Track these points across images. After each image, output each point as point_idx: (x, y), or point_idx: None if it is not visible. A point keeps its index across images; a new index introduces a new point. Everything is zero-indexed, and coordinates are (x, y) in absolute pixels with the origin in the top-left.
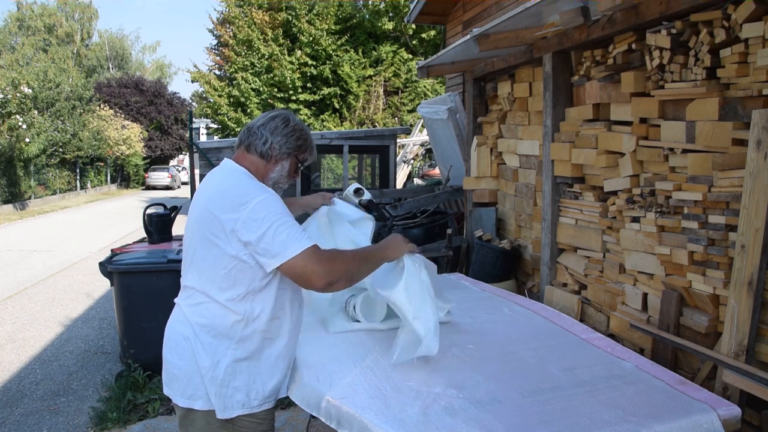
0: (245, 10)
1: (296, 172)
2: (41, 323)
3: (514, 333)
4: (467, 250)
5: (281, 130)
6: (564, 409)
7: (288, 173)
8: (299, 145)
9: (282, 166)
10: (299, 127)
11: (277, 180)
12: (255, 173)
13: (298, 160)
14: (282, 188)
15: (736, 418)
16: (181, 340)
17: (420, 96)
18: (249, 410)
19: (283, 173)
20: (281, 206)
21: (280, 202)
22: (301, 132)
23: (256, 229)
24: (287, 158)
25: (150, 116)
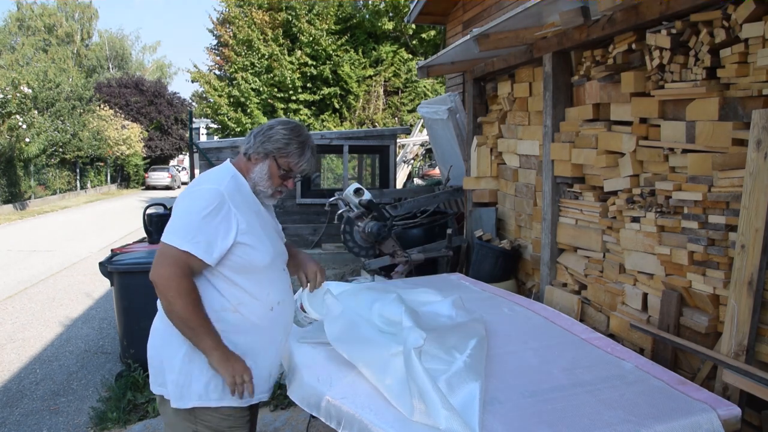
0: (245, 10)
1: (283, 180)
2: (41, 323)
3: (514, 333)
4: (467, 250)
5: (264, 131)
6: (564, 409)
7: (269, 177)
8: (278, 148)
9: (261, 167)
10: (284, 132)
11: (256, 182)
12: (241, 172)
13: (278, 164)
14: (266, 193)
15: (736, 418)
16: (155, 329)
17: (420, 96)
18: (207, 403)
19: (262, 175)
20: (214, 203)
21: (218, 200)
22: (284, 136)
23: (175, 208)
24: (265, 159)
25: (150, 116)
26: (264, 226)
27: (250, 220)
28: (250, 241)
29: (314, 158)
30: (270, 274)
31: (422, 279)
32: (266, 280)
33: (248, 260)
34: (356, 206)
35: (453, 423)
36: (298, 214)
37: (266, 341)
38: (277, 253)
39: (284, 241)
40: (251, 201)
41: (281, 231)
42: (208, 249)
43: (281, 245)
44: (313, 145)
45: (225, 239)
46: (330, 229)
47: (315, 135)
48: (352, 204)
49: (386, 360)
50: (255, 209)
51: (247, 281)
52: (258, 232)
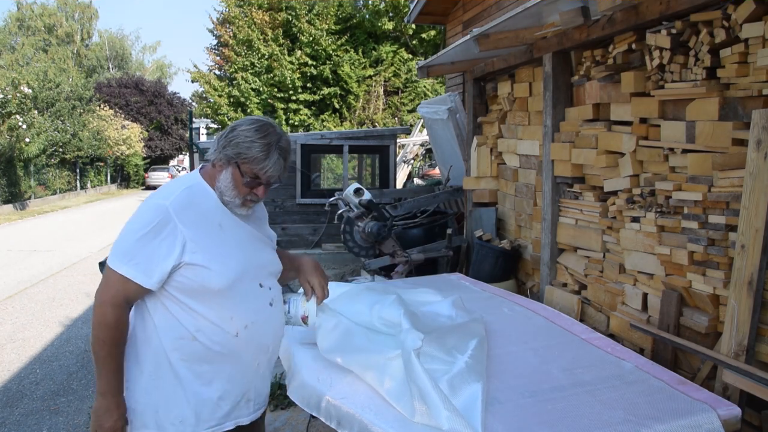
0: (245, 10)
1: (250, 188)
2: (41, 323)
3: (514, 333)
4: (467, 250)
5: (226, 134)
6: (564, 409)
7: (234, 186)
8: (238, 153)
9: (224, 175)
10: (246, 133)
11: (222, 191)
12: (210, 180)
13: (240, 171)
14: (234, 203)
15: (736, 418)
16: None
17: (420, 96)
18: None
19: (227, 184)
20: (155, 219)
21: (160, 216)
22: (246, 138)
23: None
24: (227, 166)
25: (150, 116)
26: (226, 241)
27: (203, 237)
28: (201, 261)
29: (285, 161)
30: (233, 295)
31: (422, 279)
32: (229, 304)
33: (200, 282)
34: (356, 206)
35: (455, 423)
36: (298, 214)
37: (236, 368)
38: (245, 271)
39: (274, 249)
40: (211, 214)
41: (270, 239)
42: (147, 272)
43: (260, 258)
44: (285, 146)
45: (166, 260)
46: (330, 229)
47: (315, 135)
48: (352, 204)
49: (384, 363)
50: (217, 222)
51: (204, 306)
52: (214, 251)
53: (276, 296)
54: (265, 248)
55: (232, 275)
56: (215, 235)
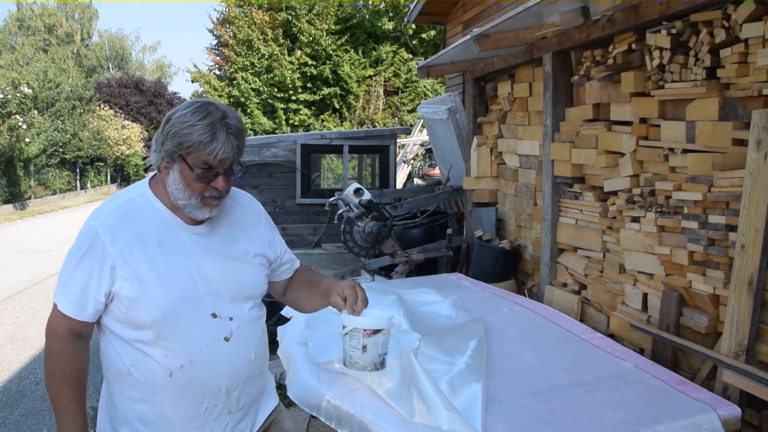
0: (245, 10)
1: (205, 182)
2: (41, 323)
3: (514, 333)
4: (467, 250)
5: (162, 128)
6: (564, 409)
7: (185, 185)
8: (180, 143)
9: (172, 175)
10: (182, 119)
11: (175, 195)
12: (161, 188)
13: (188, 163)
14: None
15: (736, 418)
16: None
17: (420, 96)
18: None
19: (176, 184)
20: (85, 244)
21: (89, 239)
22: (184, 124)
23: None
24: (172, 164)
25: (150, 116)
26: (165, 264)
27: (136, 260)
28: (128, 290)
29: (237, 139)
30: (168, 329)
31: (422, 279)
32: (162, 339)
33: (127, 314)
34: (356, 206)
35: (455, 423)
36: (298, 214)
37: (177, 413)
38: (185, 299)
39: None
40: (151, 231)
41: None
42: (81, 304)
43: (220, 281)
44: (233, 122)
45: (99, 290)
46: (330, 229)
47: (315, 135)
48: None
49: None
50: (156, 241)
51: (139, 336)
52: (145, 276)
53: (239, 328)
54: (235, 268)
55: (164, 306)
56: (151, 256)
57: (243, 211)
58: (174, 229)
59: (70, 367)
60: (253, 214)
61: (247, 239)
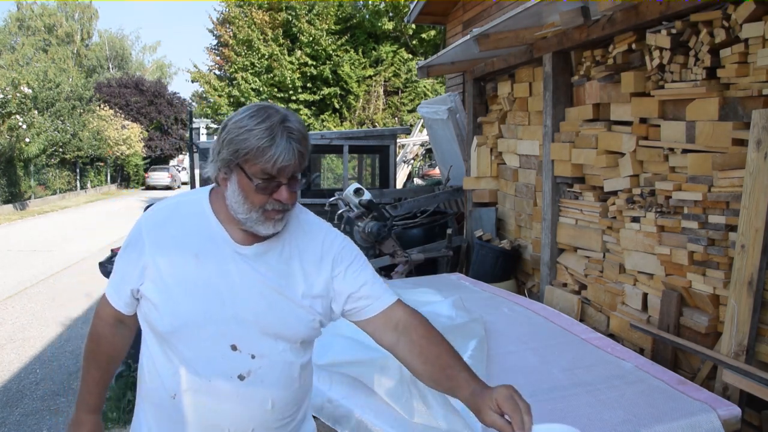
0: (245, 10)
1: (267, 193)
2: (41, 323)
3: (514, 333)
4: (467, 250)
5: (218, 136)
6: (564, 409)
7: (245, 197)
8: (236, 150)
9: (231, 187)
10: (239, 123)
11: (234, 209)
12: (219, 201)
13: (246, 173)
14: (251, 219)
15: (736, 418)
16: None
17: (420, 96)
18: None
19: (235, 196)
20: (131, 237)
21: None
22: (241, 129)
23: None
24: (230, 174)
25: (150, 116)
26: (194, 277)
27: (168, 265)
28: (150, 294)
29: (299, 143)
30: (180, 347)
31: (422, 279)
32: (175, 355)
33: (146, 319)
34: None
35: (455, 423)
36: None
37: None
38: (206, 321)
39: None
40: (191, 239)
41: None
42: (117, 293)
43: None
44: (294, 126)
45: (130, 285)
46: None
47: (315, 135)
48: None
49: (382, 365)
50: (193, 252)
51: (157, 345)
52: (171, 284)
53: (261, 369)
54: (275, 301)
55: (180, 320)
56: (183, 265)
57: (305, 237)
58: (218, 243)
59: (101, 350)
60: (317, 243)
61: (300, 273)
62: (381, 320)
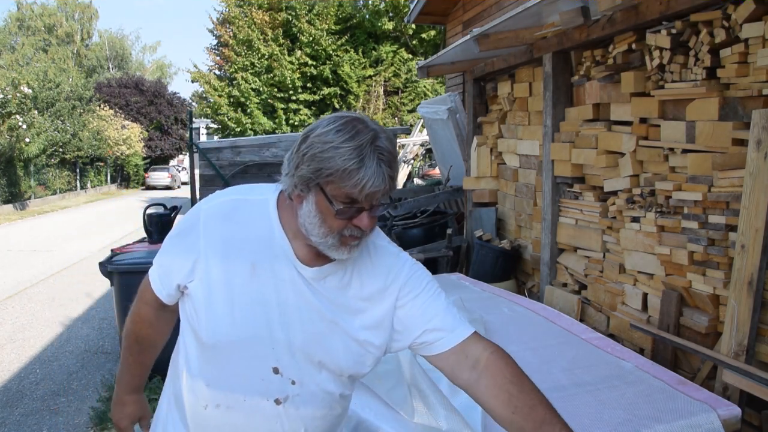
0: (245, 10)
1: (346, 218)
2: (41, 323)
3: (514, 333)
4: (467, 250)
5: (297, 147)
6: (564, 410)
7: (322, 220)
8: (317, 169)
9: (306, 206)
10: (324, 138)
11: (308, 229)
12: (285, 212)
13: (326, 195)
14: (326, 244)
15: (736, 418)
16: None
17: (420, 96)
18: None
19: (311, 219)
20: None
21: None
22: (326, 145)
23: None
24: (308, 192)
25: (150, 116)
26: (245, 290)
27: (221, 268)
28: (197, 296)
29: (389, 167)
30: (219, 360)
31: None
32: (211, 366)
33: (188, 322)
34: None
35: (455, 424)
36: None
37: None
38: (251, 340)
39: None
40: (252, 246)
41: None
42: (162, 282)
43: (300, 339)
44: (385, 146)
45: (176, 277)
46: None
47: None
48: None
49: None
50: (253, 260)
51: (195, 347)
52: (218, 293)
53: (300, 397)
54: (327, 333)
55: (223, 337)
56: (237, 273)
57: (371, 262)
58: (279, 257)
59: (143, 333)
60: (382, 269)
61: (360, 302)
62: (454, 356)
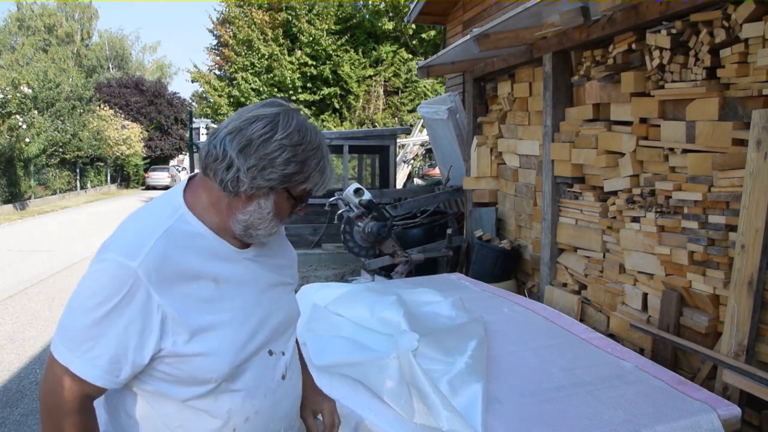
0: (245, 10)
1: (295, 209)
2: (41, 323)
3: (514, 333)
4: (467, 250)
5: (257, 146)
6: (564, 409)
7: (275, 214)
8: (288, 174)
9: (259, 204)
10: (292, 140)
11: (251, 224)
12: (211, 206)
13: (290, 194)
14: (262, 234)
15: (736, 418)
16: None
17: (420, 96)
18: None
19: (263, 216)
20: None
21: (125, 287)
22: (296, 150)
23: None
24: (268, 194)
25: (150, 116)
26: (225, 305)
27: (191, 309)
28: (190, 347)
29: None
30: (239, 377)
31: (422, 279)
32: (229, 390)
33: (188, 373)
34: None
35: (455, 423)
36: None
37: None
38: (253, 341)
39: (293, 286)
40: (201, 266)
41: (291, 278)
42: (113, 369)
43: (275, 314)
44: (326, 146)
45: (141, 351)
46: (330, 229)
47: None
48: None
49: (382, 365)
50: (211, 277)
51: (198, 391)
52: (210, 326)
53: (290, 361)
54: (282, 295)
55: (235, 357)
56: (209, 299)
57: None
58: (224, 258)
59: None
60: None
61: (282, 253)
62: None
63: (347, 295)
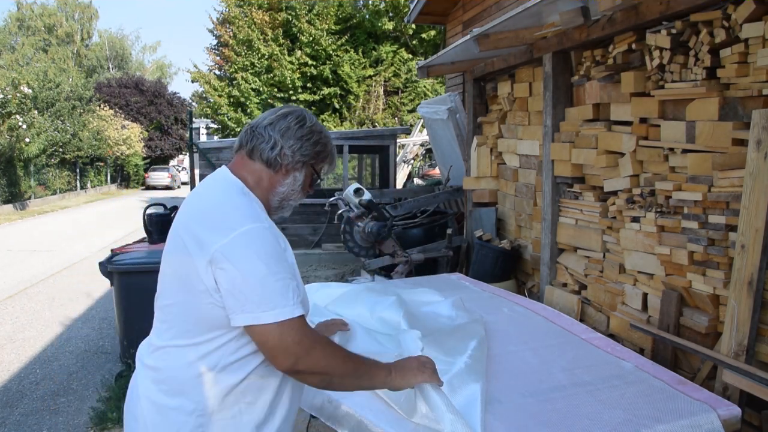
0: (245, 10)
1: (311, 186)
2: (41, 323)
3: (514, 333)
4: (467, 250)
5: (295, 131)
6: (564, 409)
7: (302, 187)
8: (318, 152)
9: (294, 177)
10: (317, 128)
11: (286, 195)
12: (256, 185)
13: (315, 170)
14: (291, 205)
15: (736, 418)
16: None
17: (420, 96)
18: None
19: (295, 187)
20: (278, 244)
21: (276, 239)
22: (320, 135)
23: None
24: (302, 168)
25: (150, 116)
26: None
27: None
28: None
29: None
30: None
31: (422, 279)
32: None
33: None
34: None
35: (455, 423)
36: (298, 213)
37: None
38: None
39: None
40: (277, 234)
41: None
42: (303, 300)
43: None
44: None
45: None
46: (330, 229)
47: None
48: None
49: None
50: (282, 245)
51: None
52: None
53: None
54: None
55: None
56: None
57: None
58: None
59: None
60: None
61: None
62: None
63: (347, 295)
